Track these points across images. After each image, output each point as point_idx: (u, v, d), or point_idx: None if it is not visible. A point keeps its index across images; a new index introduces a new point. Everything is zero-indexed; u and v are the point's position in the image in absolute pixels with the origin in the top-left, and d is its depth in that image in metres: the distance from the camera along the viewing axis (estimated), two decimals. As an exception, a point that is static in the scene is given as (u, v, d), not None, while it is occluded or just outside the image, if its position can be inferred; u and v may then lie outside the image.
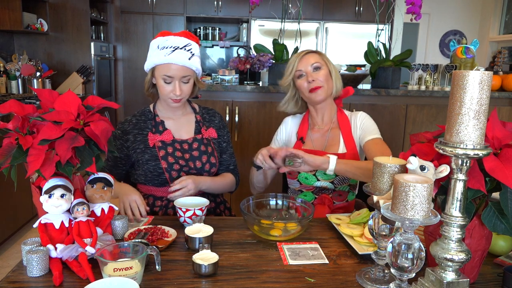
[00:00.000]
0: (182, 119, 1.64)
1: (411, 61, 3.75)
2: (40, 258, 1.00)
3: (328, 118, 1.72)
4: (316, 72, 1.63)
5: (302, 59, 1.65)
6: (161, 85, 1.50)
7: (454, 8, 6.38)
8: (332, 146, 1.67)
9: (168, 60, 1.45)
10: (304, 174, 1.64)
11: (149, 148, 1.54)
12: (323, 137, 1.70)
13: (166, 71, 1.46)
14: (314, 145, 1.70)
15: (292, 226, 1.24)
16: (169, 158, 1.53)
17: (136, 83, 5.33)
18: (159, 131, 1.57)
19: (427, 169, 0.88)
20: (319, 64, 1.63)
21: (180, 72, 1.47)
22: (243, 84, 3.05)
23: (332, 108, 1.72)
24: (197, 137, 1.61)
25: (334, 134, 1.69)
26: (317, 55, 1.66)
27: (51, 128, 1.04)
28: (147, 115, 1.61)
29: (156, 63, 1.48)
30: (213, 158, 1.61)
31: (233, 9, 5.28)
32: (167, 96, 1.51)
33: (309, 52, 1.67)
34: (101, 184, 1.15)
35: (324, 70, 1.64)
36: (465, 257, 0.86)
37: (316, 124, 1.73)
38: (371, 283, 1.01)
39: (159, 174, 1.53)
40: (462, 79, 0.81)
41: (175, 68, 1.46)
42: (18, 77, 3.90)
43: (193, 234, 1.16)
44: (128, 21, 5.19)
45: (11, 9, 3.75)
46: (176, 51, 1.45)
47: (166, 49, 1.45)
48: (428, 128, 3.05)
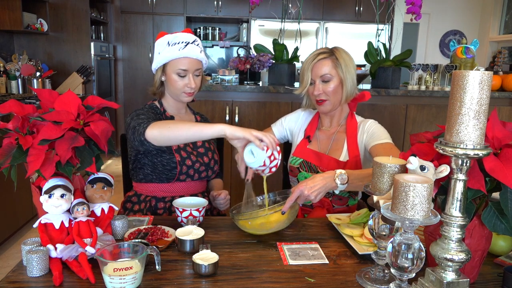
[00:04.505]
0: (185, 116, 1.67)
1: (411, 61, 3.75)
2: (40, 258, 1.00)
3: (336, 121, 1.69)
4: (324, 85, 1.58)
5: (315, 67, 1.59)
6: (175, 80, 1.52)
7: (454, 8, 6.37)
8: (335, 151, 1.65)
9: (183, 54, 1.49)
10: (304, 174, 1.64)
11: None
12: (328, 139, 1.68)
13: (182, 65, 1.50)
14: (319, 146, 1.68)
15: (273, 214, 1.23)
16: (182, 152, 1.55)
17: (136, 83, 5.33)
18: None
19: (427, 169, 0.88)
20: (329, 77, 1.57)
21: (193, 65, 1.52)
22: (243, 84, 3.06)
23: (342, 112, 1.69)
24: None
25: (339, 139, 1.66)
26: (330, 62, 1.58)
27: (51, 128, 1.04)
28: (155, 109, 1.62)
29: (170, 58, 1.51)
30: (215, 155, 1.67)
31: (233, 9, 5.28)
32: (181, 90, 1.53)
33: (322, 58, 1.58)
34: (101, 184, 1.15)
35: (334, 81, 1.58)
36: (465, 257, 0.86)
37: (324, 125, 1.72)
38: (371, 283, 1.01)
39: (171, 168, 1.54)
40: (462, 79, 0.81)
41: (189, 61, 1.51)
42: (18, 77, 3.90)
43: (183, 236, 1.16)
44: (128, 21, 5.19)
45: (11, 9, 3.75)
46: (188, 45, 1.50)
47: (178, 44, 1.49)
48: (428, 128, 3.05)
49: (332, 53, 1.60)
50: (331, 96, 1.59)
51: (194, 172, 1.57)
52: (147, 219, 1.38)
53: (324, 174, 1.33)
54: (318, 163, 1.62)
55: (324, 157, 1.62)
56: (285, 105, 2.90)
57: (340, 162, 1.60)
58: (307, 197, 1.26)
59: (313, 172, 1.62)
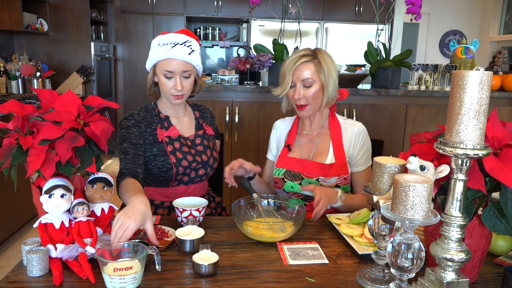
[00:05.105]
0: (183, 116, 1.66)
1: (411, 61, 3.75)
2: (40, 258, 1.00)
3: (317, 124, 1.65)
4: (305, 89, 1.53)
5: (297, 70, 1.53)
6: (163, 82, 1.51)
7: (454, 8, 6.37)
8: (320, 154, 1.60)
9: (168, 55, 1.47)
10: (289, 183, 1.60)
11: (157, 143, 1.55)
12: (311, 143, 1.64)
13: (167, 66, 1.48)
14: (301, 152, 1.63)
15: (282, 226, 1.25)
16: (177, 153, 1.55)
17: (136, 83, 5.33)
18: (165, 127, 1.58)
19: (427, 169, 0.88)
20: (311, 81, 1.52)
21: (180, 67, 1.49)
22: (243, 84, 3.05)
23: (322, 114, 1.64)
24: (199, 133, 1.65)
25: (323, 141, 1.62)
26: (313, 66, 1.52)
27: (51, 128, 1.04)
28: (150, 111, 1.61)
29: (157, 59, 1.50)
30: (215, 152, 1.66)
31: (233, 9, 5.28)
32: (169, 92, 1.52)
33: (305, 61, 1.53)
34: (101, 184, 1.15)
35: (315, 87, 1.53)
36: (465, 257, 0.86)
37: (305, 129, 1.67)
38: (371, 283, 1.01)
39: (167, 170, 1.53)
40: (462, 79, 0.81)
41: (175, 63, 1.48)
42: (18, 77, 3.90)
43: (183, 236, 1.16)
44: (128, 21, 5.19)
45: (11, 9, 3.75)
46: (176, 46, 1.48)
47: (166, 45, 1.48)
48: (428, 128, 3.05)
49: (315, 55, 1.54)
50: (312, 101, 1.54)
51: (191, 171, 1.57)
52: (153, 219, 1.39)
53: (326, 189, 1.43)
54: (301, 170, 1.58)
55: (306, 163, 1.58)
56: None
57: (325, 165, 1.56)
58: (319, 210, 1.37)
59: (298, 180, 1.58)
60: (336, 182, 1.56)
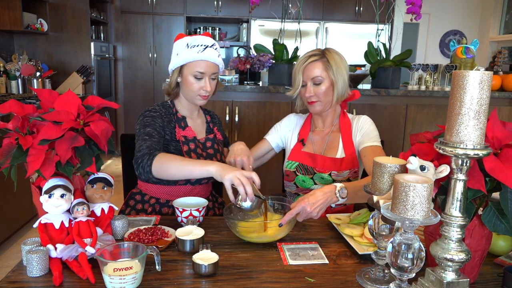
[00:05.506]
0: (197, 118, 1.68)
1: (411, 61, 3.75)
2: (40, 258, 1.00)
3: (329, 122, 1.72)
4: (315, 87, 1.60)
5: (306, 70, 1.61)
6: (191, 82, 1.53)
7: (454, 8, 6.37)
8: (331, 150, 1.67)
9: (201, 57, 1.50)
10: (301, 177, 1.64)
11: (174, 141, 1.56)
12: (323, 140, 1.70)
13: (199, 67, 1.51)
14: (314, 148, 1.69)
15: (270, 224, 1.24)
16: (192, 154, 1.56)
17: (136, 83, 5.33)
18: (182, 127, 1.60)
19: (427, 169, 0.88)
20: (320, 79, 1.59)
21: (211, 68, 1.53)
22: (243, 84, 3.05)
23: (334, 112, 1.71)
24: (210, 137, 1.67)
25: (334, 138, 1.69)
26: (321, 64, 1.59)
27: (51, 128, 1.04)
28: (168, 109, 1.62)
29: (188, 60, 1.52)
30: (223, 157, 1.67)
31: (233, 9, 5.28)
32: (197, 93, 1.54)
33: (313, 60, 1.60)
34: (101, 184, 1.15)
35: (324, 84, 1.59)
36: (465, 257, 0.86)
37: (317, 126, 1.74)
38: (371, 283, 1.01)
39: None
40: (462, 79, 0.81)
41: (207, 64, 1.52)
42: (18, 77, 3.89)
43: (183, 236, 1.16)
44: (128, 21, 5.19)
45: (11, 9, 3.75)
46: (207, 48, 1.52)
47: (197, 47, 1.51)
48: (428, 128, 3.05)
49: (323, 55, 1.61)
50: (322, 98, 1.61)
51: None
52: (154, 219, 1.39)
53: (324, 189, 1.32)
54: (313, 164, 1.64)
55: (318, 157, 1.64)
56: (285, 105, 2.90)
57: (336, 159, 1.62)
58: (309, 214, 1.26)
59: (310, 174, 1.63)
60: (348, 175, 1.61)
